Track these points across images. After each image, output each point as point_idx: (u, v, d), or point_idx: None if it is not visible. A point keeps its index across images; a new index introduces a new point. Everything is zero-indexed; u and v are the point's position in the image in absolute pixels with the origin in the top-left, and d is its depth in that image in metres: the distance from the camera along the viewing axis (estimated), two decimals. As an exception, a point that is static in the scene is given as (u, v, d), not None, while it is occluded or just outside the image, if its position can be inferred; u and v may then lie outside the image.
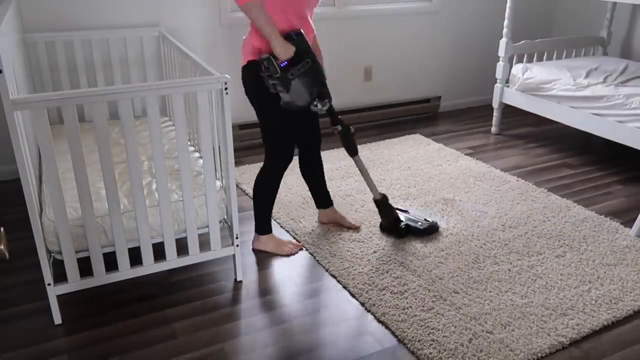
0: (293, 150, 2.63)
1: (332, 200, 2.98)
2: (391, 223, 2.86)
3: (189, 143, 2.68)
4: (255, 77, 2.41)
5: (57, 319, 2.24)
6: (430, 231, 2.88)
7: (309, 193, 3.31)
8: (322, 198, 2.95)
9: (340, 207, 3.14)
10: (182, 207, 2.36)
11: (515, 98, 4.20)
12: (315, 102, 2.50)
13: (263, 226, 2.75)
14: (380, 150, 4.00)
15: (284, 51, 2.32)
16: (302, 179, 2.94)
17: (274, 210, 3.05)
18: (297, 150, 2.73)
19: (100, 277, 2.27)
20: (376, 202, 2.86)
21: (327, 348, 2.14)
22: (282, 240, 2.79)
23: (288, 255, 2.73)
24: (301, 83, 2.37)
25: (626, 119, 3.45)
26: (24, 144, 2.05)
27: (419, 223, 2.89)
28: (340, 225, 2.96)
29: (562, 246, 2.79)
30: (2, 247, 0.89)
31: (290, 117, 2.49)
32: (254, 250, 2.78)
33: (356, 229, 2.93)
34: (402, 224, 2.85)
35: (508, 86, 4.26)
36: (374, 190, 2.83)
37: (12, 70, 2.17)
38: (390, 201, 2.88)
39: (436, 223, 2.94)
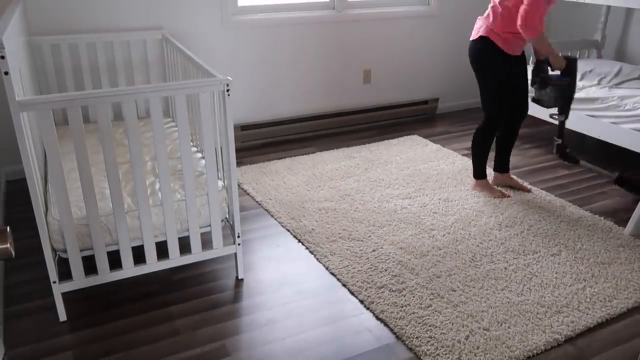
0: (504, 115, 3.16)
1: (509, 168, 3.41)
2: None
3: (191, 144, 2.68)
4: (487, 50, 2.98)
5: (62, 316, 2.25)
6: None
7: (309, 193, 3.32)
8: (504, 163, 3.38)
9: (340, 206, 3.14)
10: (184, 206, 2.36)
11: (511, 100, 4.19)
12: (557, 115, 3.13)
13: (479, 172, 3.31)
14: (379, 151, 4.00)
15: (559, 63, 2.96)
16: (306, 179, 3.13)
17: (274, 209, 3.12)
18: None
19: (105, 275, 2.27)
20: (615, 181, 3.30)
21: (326, 345, 2.14)
22: (493, 188, 3.32)
23: (497, 198, 3.24)
24: (553, 91, 2.99)
25: (620, 121, 3.44)
26: (30, 145, 2.05)
27: None
28: (511, 187, 3.39)
29: (557, 245, 2.79)
30: (8, 245, 0.89)
31: (506, 90, 3.07)
32: (473, 189, 3.33)
33: (528, 190, 3.37)
34: None
35: (504, 88, 4.25)
36: (608, 173, 3.39)
37: (18, 72, 2.17)
38: (390, 201, 2.88)
39: None
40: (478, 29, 3.03)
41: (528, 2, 2.73)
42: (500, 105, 3.12)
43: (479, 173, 3.33)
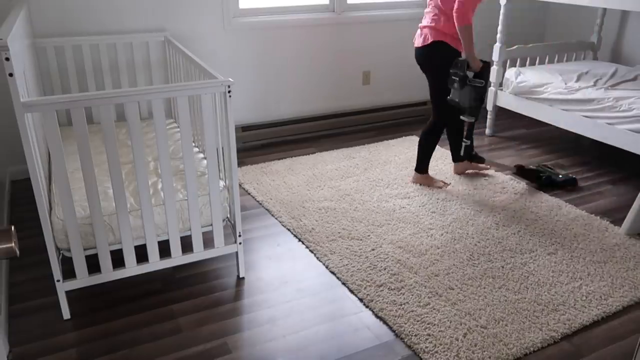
0: (452, 116, 3.29)
1: (462, 157, 3.61)
2: (537, 179, 3.46)
3: (193, 144, 2.68)
4: (440, 54, 3.11)
5: (66, 314, 2.25)
6: (567, 183, 3.41)
7: (309, 193, 3.32)
8: (458, 153, 3.57)
9: (339, 206, 3.14)
10: (186, 206, 2.36)
11: (508, 101, 4.20)
12: (466, 114, 3.16)
13: (421, 167, 3.46)
14: (378, 151, 4.00)
15: (476, 64, 3.06)
16: (306, 179, 3.34)
17: (275, 209, 3.12)
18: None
19: (108, 273, 2.27)
20: (516, 173, 3.59)
21: (326, 342, 2.14)
22: (433, 179, 3.47)
23: (439, 188, 3.40)
24: (470, 91, 3.05)
25: (615, 121, 3.44)
26: (34, 145, 2.05)
27: (560, 176, 3.44)
28: (475, 170, 3.65)
29: (553, 244, 2.79)
30: (13, 244, 0.89)
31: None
32: (413, 182, 3.47)
33: (488, 168, 3.67)
34: (543, 175, 3.44)
35: (502, 89, 4.26)
36: (511, 167, 3.64)
37: (22, 74, 2.17)
38: (389, 200, 2.88)
39: (575, 179, 3.46)
40: (425, 36, 3.14)
41: None
42: (450, 108, 3.21)
43: (422, 167, 3.47)
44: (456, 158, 3.61)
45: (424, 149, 3.41)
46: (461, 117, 3.20)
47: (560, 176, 3.45)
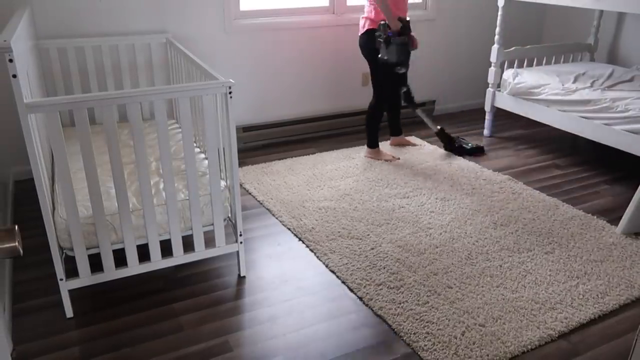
0: (390, 94, 3.80)
1: (401, 130, 4.13)
2: (449, 144, 3.99)
3: (194, 145, 2.68)
4: (371, 41, 3.55)
5: (69, 312, 2.25)
6: (474, 151, 3.97)
7: (309, 193, 3.32)
8: (395, 128, 4.10)
9: (339, 205, 3.14)
10: (188, 205, 2.36)
11: (506, 102, 4.20)
12: (398, 67, 3.56)
13: (372, 142, 3.87)
14: (378, 152, 4.00)
15: (395, 25, 3.45)
16: (306, 179, 3.41)
17: (275, 209, 3.13)
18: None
19: (110, 272, 2.27)
20: (437, 133, 4.01)
21: (326, 340, 2.14)
22: (383, 152, 3.89)
23: (387, 161, 3.81)
24: (395, 49, 3.46)
25: (612, 122, 3.44)
26: (38, 146, 2.05)
27: (469, 145, 4.00)
28: (404, 145, 4.11)
29: (551, 243, 2.79)
30: (17, 244, 0.89)
31: (388, 74, 3.62)
32: (365, 157, 3.87)
33: (415, 144, 4.13)
34: (456, 143, 3.99)
35: (500, 90, 4.26)
36: (432, 125, 4.02)
37: (26, 75, 2.17)
38: (388, 200, 2.88)
39: (483, 147, 4.01)
40: (363, 24, 3.60)
41: None
42: (387, 84, 3.69)
43: (372, 142, 3.87)
44: (395, 131, 4.11)
45: (371, 127, 3.83)
46: (395, 70, 3.57)
47: (470, 145, 4.02)
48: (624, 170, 3.74)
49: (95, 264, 2.24)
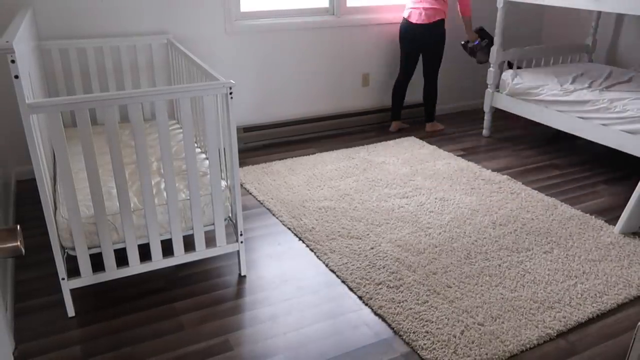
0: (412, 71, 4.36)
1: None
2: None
3: (195, 145, 2.68)
4: (443, 29, 4.12)
5: (71, 311, 2.25)
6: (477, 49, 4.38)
7: (309, 193, 3.32)
8: (430, 115, 4.55)
9: (339, 205, 3.14)
10: (189, 205, 2.36)
11: (505, 102, 4.20)
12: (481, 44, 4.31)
13: (429, 117, 4.50)
14: (377, 152, 4.00)
15: (472, 37, 4.28)
16: (306, 179, 3.38)
17: (276, 209, 3.13)
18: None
19: (112, 272, 2.27)
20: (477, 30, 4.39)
21: (326, 339, 2.14)
22: (401, 125, 4.48)
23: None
24: (481, 53, 4.31)
25: (610, 122, 3.44)
26: (39, 146, 2.05)
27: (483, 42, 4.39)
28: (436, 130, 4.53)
29: (549, 243, 2.79)
30: (18, 243, 0.89)
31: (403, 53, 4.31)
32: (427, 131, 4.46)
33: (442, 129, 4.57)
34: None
35: (498, 91, 4.26)
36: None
37: (28, 76, 2.17)
38: (388, 200, 2.88)
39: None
40: (433, 15, 4.03)
41: None
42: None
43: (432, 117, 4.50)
44: (429, 119, 4.51)
45: (430, 101, 4.44)
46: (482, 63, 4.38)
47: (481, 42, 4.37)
48: (622, 170, 3.73)
49: (97, 263, 2.24)
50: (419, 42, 4.15)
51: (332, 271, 2.57)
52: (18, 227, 0.90)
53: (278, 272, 2.58)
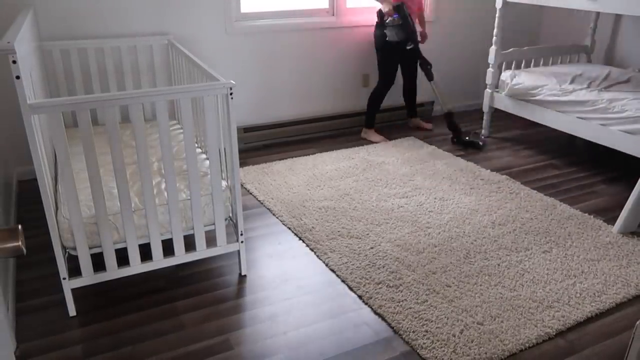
0: (393, 79, 4.19)
1: (417, 112, 4.60)
2: (454, 130, 4.20)
3: (196, 145, 2.68)
4: (379, 31, 4.06)
5: (72, 311, 2.25)
6: (469, 144, 4.15)
7: (309, 193, 3.32)
8: (411, 110, 4.57)
9: (339, 205, 3.14)
10: (189, 205, 2.36)
11: (504, 103, 4.20)
12: (408, 44, 4.01)
13: (369, 123, 4.30)
14: (377, 152, 4.00)
15: (386, 8, 3.92)
16: (306, 179, 3.39)
17: (276, 208, 3.13)
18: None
19: (113, 271, 2.27)
20: (445, 115, 4.23)
21: (326, 338, 2.14)
22: (377, 135, 4.28)
23: (376, 142, 4.21)
24: (394, 28, 3.94)
25: (609, 122, 3.44)
26: (41, 146, 2.05)
27: (467, 137, 4.18)
28: (419, 128, 4.57)
29: (548, 242, 2.79)
30: (20, 243, 0.89)
31: (391, 60, 4.14)
32: (361, 138, 4.32)
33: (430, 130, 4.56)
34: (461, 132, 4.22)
35: (497, 91, 4.26)
36: (443, 105, 4.22)
37: (29, 77, 2.17)
38: (387, 200, 2.88)
39: (479, 144, 4.12)
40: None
41: None
42: (393, 68, 4.22)
43: (370, 122, 4.31)
44: (411, 114, 4.57)
45: (373, 108, 4.27)
46: (406, 47, 4.03)
47: (467, 138, 4.17)
48: (620, 170, 3.74)
49: (98, 263, 2.24)
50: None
51: (332, 270, 2.57)
52: (19, 227, 0.90)
53: (278, 271, 2.58)
